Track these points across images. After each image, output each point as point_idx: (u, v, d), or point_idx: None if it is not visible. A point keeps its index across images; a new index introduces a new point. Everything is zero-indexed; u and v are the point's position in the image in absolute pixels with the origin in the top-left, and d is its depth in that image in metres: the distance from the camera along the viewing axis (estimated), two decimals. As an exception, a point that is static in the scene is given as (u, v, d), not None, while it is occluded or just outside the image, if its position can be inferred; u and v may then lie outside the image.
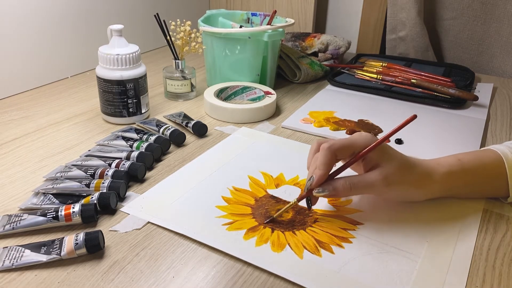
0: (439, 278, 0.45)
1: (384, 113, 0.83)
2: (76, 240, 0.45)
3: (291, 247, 0.48)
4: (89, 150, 0.65)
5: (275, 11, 0.91)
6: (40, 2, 0.86)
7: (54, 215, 0.49)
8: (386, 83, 0.94)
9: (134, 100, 0.73)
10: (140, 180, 0.60)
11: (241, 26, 0.86)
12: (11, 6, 0.81)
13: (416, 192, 0.54)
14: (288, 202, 0.55)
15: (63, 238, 0.46)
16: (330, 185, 0.50)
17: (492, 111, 0.86)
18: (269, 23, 0.92)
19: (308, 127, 0.76)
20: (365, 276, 0.45)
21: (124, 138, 0.68)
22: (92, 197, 0.52)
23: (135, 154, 0.62)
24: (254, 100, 0.85)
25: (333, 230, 0.51)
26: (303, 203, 0.54)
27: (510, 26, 1.04)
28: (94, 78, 0.92)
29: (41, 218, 0.49)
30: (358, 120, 0.79)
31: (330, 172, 0.51)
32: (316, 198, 0.52)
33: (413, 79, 0.92)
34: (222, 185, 0.59)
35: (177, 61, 0.85)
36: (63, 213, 0.49)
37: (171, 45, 0.84)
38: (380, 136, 0.71)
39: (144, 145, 0.65)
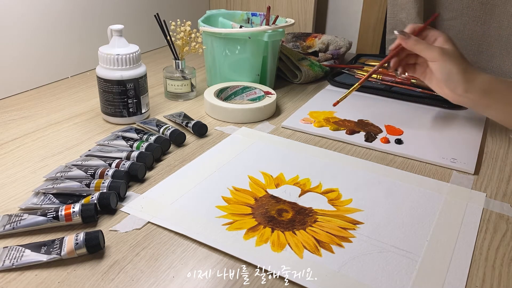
0: (439, 278, 0.45)
1: (384, 113, 0.83)
2: (76, 240, 0.45)
3: (291, 247, 0.48)
4: (89, 150, 0.65)
5: (269, 7, 0.91)
6: (39, 1, 0.86)
7: (54, 215, 0.49)
8: (386, 83, 0.94)
9: (134, 100, 0.73)
10: (140, 180, 0.60)
11: (241, 26, 0.86)
12: (10, 5, 0.81)
13: (460, 77, 0.62)
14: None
15: (63, 238, 0.46)
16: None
17: (492, 111, 0.86)
18: (266, 19, 0.92)
19: (308, 127, 0.76)
20: (365, 276, 0.45)
21: (124, 138, 0.68)
22: (92, 197, 0.52)
23: (135, 154, 0.62)
24: (254, 100, 0.85)
25: (333, 230, 0.51)
26: (304, 203, 0.55)
27: (510, 26, 1.04)
28: (94, 78, 0.92)
29: (41, 218, 0.49)
30: (358, 120, 0.79)
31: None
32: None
33: (413, 79, 0.92)
34: (222, 185, 0.59)
35: (177, 61, 0.85)
36: (63, 213, 0.49)
37: (171, 45, 0.84)
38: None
39: (144, 145, 0.65)
